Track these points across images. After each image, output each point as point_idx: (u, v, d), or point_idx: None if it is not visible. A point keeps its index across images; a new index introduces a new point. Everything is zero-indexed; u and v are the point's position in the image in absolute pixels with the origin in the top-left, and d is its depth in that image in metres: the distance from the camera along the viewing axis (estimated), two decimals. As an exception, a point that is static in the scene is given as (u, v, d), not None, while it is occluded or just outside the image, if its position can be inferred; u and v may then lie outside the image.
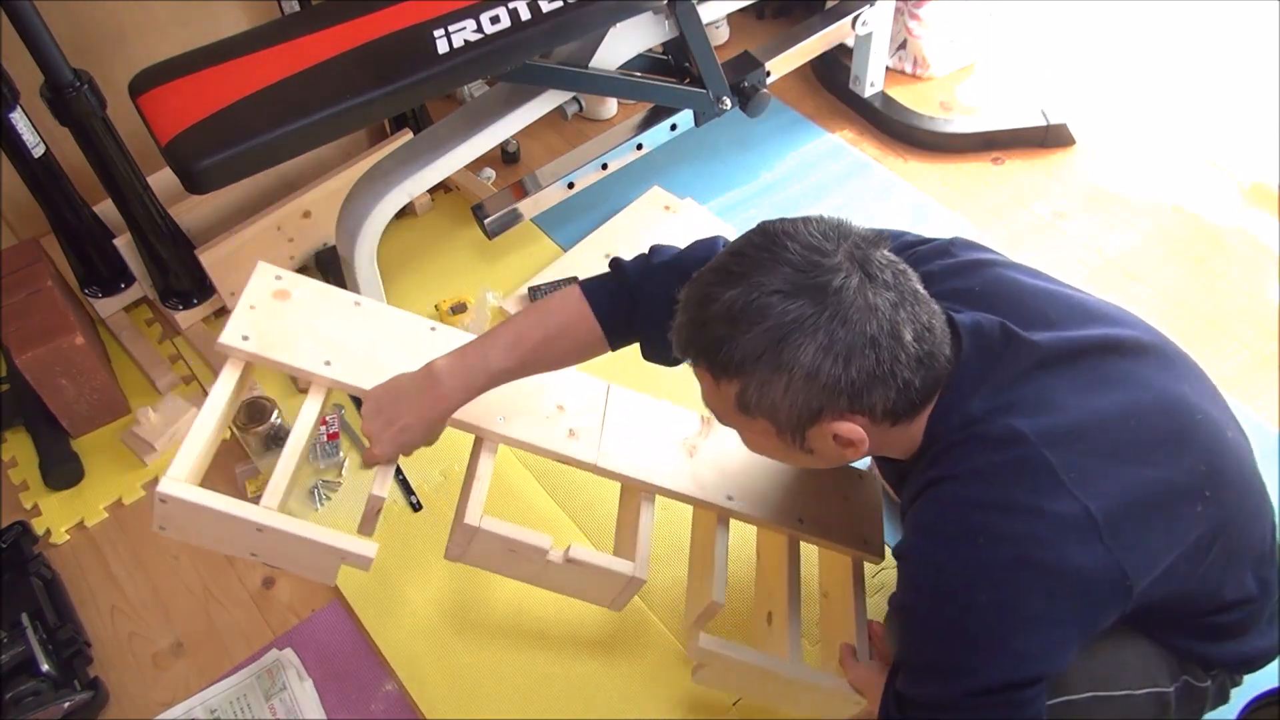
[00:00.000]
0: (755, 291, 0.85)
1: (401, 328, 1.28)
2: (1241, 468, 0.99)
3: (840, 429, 0.89)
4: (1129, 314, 1.04)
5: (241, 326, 1.19)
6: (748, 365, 0.86)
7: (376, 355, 1.23)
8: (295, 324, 1.22)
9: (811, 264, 0.85)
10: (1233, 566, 0.98)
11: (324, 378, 1.20)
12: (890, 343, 0.85)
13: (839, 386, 0.86)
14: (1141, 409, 0.92)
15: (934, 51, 2.24)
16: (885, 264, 0.88)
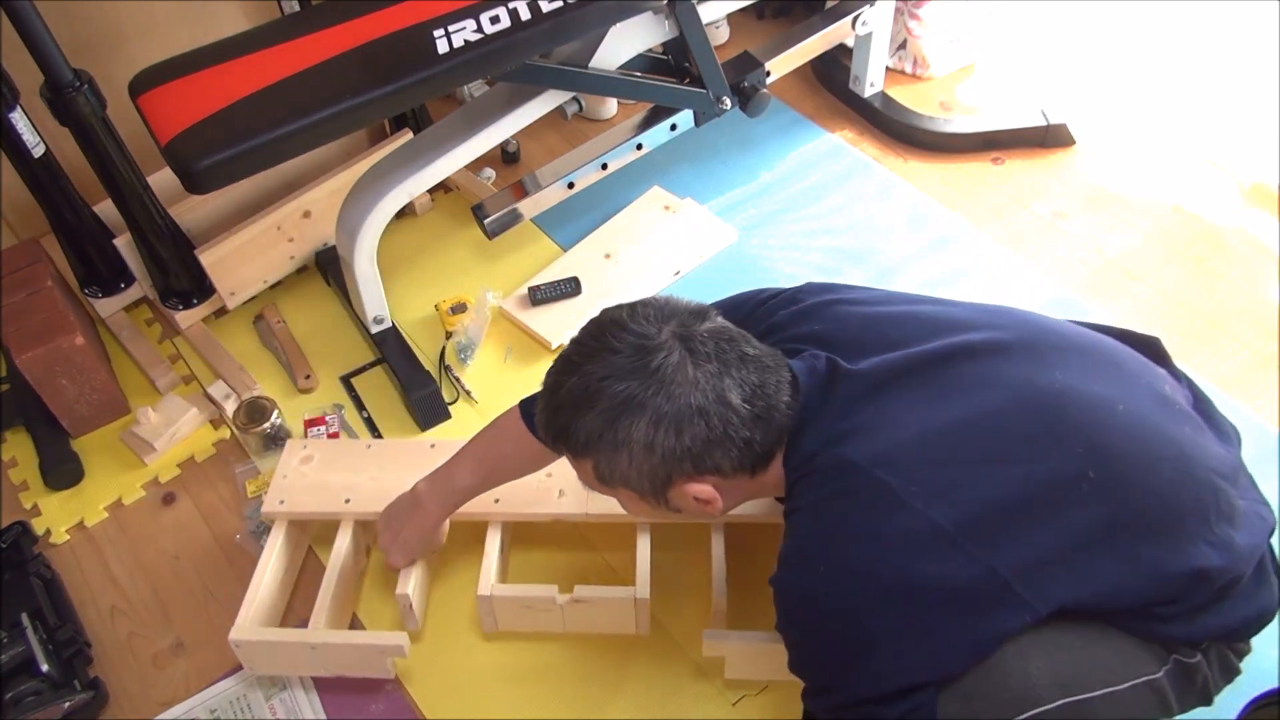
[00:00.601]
0: (588, 379, 0.94)
1: (404, 455, 1.51)
2: (1136, 436, 0.95)
3: (692, 490, 0.97)
4: (1000, 314, 1.04)
5: (278, 494, 1.47)
6: (591, 445, 0.96)
7: (385, 483, 1.45)
8: (318, 478, 1.49)
9: (637, 348, 0.94)
10: (1165, 538, 0.94)
11: (348, 513, 1.45)
12: (719, 408, 0.93)
13: (676, 455, 0.94)
14: (994, 409, 0.93)
15: (934, 51, 2.24)
16: (708, 337, 0.95)
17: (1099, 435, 0.94)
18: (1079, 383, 0.96)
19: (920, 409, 0.94)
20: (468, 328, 1.83)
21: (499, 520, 1.44)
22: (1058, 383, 0.96)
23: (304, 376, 1.81)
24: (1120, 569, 0.94)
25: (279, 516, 1.44)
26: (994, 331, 1.00)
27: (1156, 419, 0.98)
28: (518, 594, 1.37)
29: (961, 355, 0.98)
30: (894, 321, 1.04)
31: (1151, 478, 0.95)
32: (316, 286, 1.99)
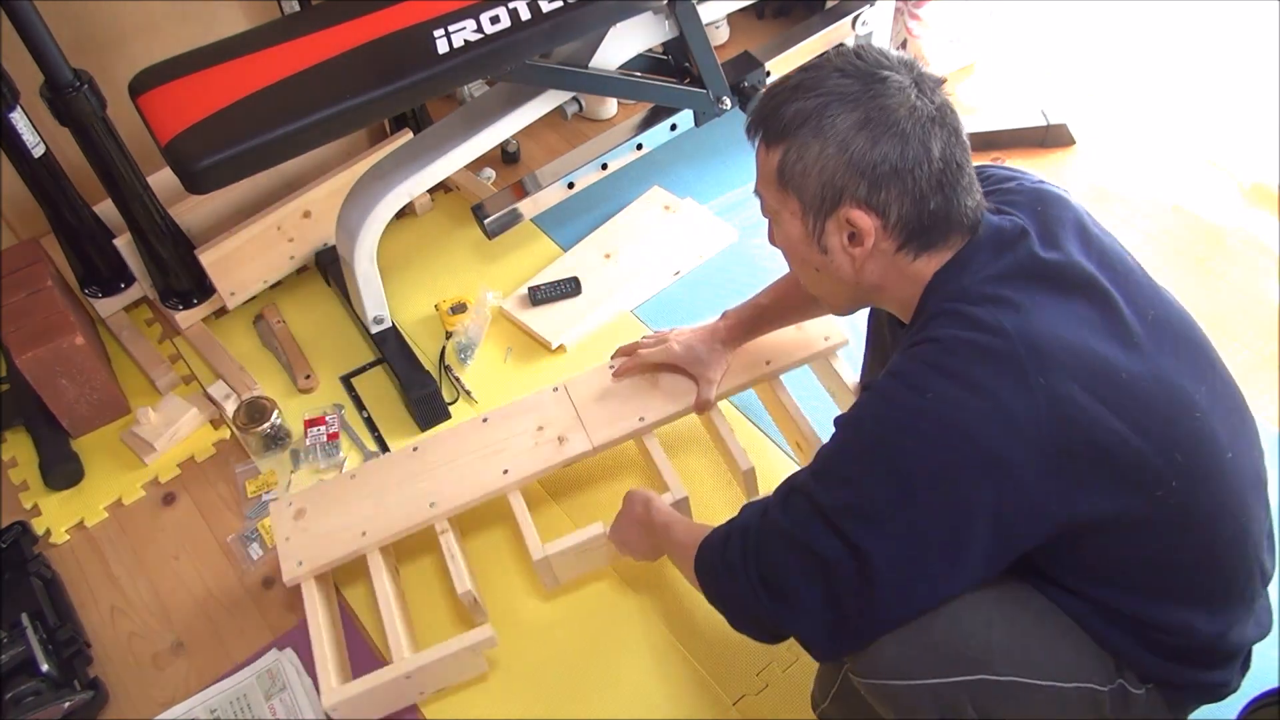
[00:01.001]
0: (816, 72, 0.96)
1: (389, 468, 1.51)
2: (1226, 485, 0.96)
3: (855, 217, 0.95)
4: (1176, 308, 1.03)
5: (292, 557, 1.42)
6: (792, 128, 0.95)
7: (387, 501, 1.46)
8: (322, 527, 1.45)
9: (873, 60, 0.95)
10: (1179, 583, 0.96)
11: (372, 544, 1.43)
12: (917, 146, 0.92)
13: (862, 165, 0.93)
14: (1140, 373, 0.93)
15: (934, 51, 2.24)
16: (939, 93, 0.95)
17: (1201, 463, 0.94)
18: (1212, 410, 0.97)
19: (1084, 329, 0.93)
20: (468, 328, 1.83)
21: (515, 489, 1.47)
22: (1198, 397, 0.95)
23: (304, 376, 1.81)
24: (1133, 573, 0.96)
25: (304, 577, 1.41)
26: (1169, 315, 1.01)
27: (1247, 486, 0.99)
28: (570, 543, 1.39)
29: (1138, 310, 0.97)
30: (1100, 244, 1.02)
31: (1215, 527, 0.96)
32: (317, 286, 1.99)
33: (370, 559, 1.42)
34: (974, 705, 0.94)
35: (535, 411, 1.54)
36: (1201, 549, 0.95)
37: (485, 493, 1.46)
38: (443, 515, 1.45)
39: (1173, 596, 0.97)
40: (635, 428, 1.49)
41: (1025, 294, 0.93)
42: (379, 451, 1.70)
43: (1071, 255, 0.97)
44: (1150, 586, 0.96)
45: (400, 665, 1.31)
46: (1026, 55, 2.32)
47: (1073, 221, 1.01)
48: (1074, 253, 0.97)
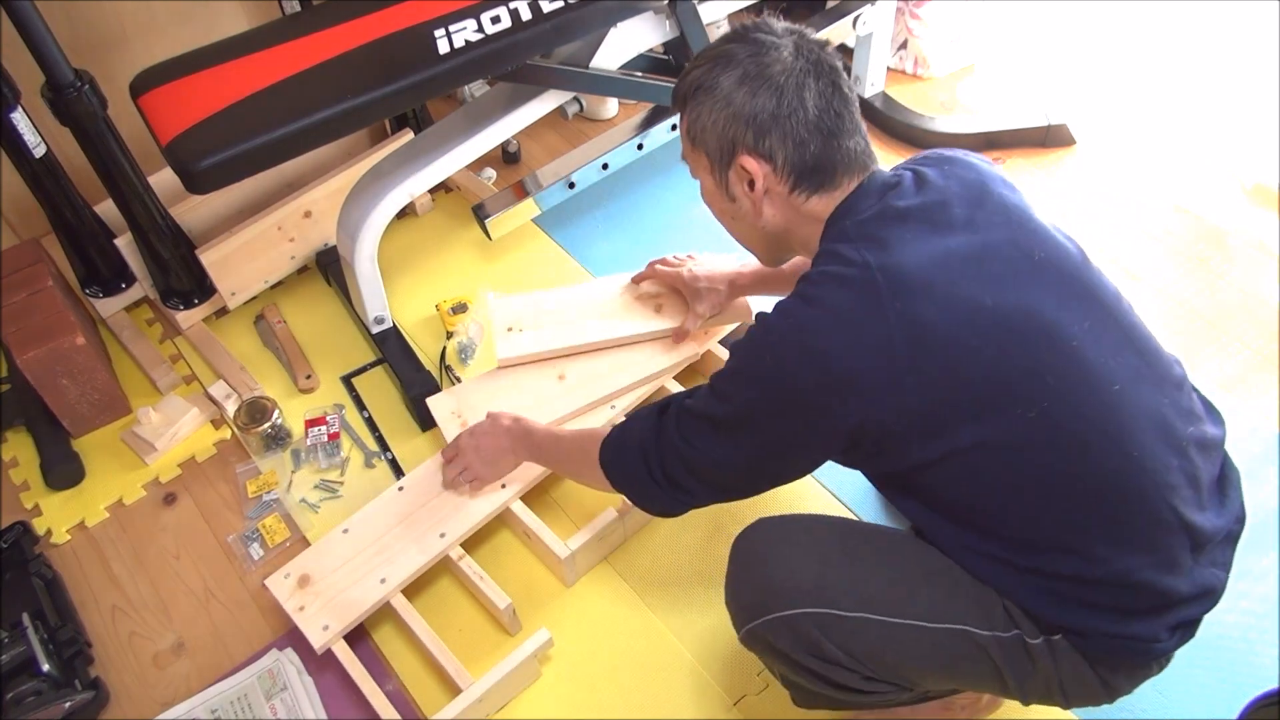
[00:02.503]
0: (714, 45, 1.09)
1: (383, 513, 1.51)
2: (1115, 427, 0.98)
3: (746, 163, 1.06)
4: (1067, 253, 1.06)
5: (315, 623, 1.40)
6: (692, 93, 1.08)
7: (391, 540, 1.47)
8: (335, 589, 1.43)
9: (759, 28, 1.08)
10: (1060, 513, 0.99)
11: (392, 593, 1.43)
12: (792, 96, 1.03)
13: (745, 115, 1.04)
14: (1006, 304, 0.98)
15: (935, 51, 2.24)
16: (816, 52, 1.06)
17: (1075, 388, 0.98)
18: (1095, 343, 1.00)
19: (952, 261, 0.99)
20: (468, 328, 1.83)
21: (516, 499, 1.51)
22: (1076, 329, 0.99)
23: (305, 376, 1.81)
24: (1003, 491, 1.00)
25: (334, 640, 1.39)
26: (1058, 258, 1.04)
27: (1141, 424, 1.00)
28: (591, 534, 1.46)
29: (1021, 251, 1.02)
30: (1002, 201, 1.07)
31: (1097, 455, 0.98)
32: (317, 286, 1.99)
33: (396, 603, 1.42)
34: (830, 640, 1.04)
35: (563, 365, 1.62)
36: (1084, 477, 0.98)
37: (491, 510, 1.49)
38: (456, 543, 1.47)
39: (1055, 526, 1.00)
40: (610, 415, 1.58)
41: (896, 232, 1.01)
42: (380, 452, 1.70)
43: (953, 202, 1.04)
44: (1030, 516, 1.00)
45: (473, 691, 1.32)
46: (1027, 55, 2.32)
47: (973, 179, 1.08)
48: (956, 201, 1.04)
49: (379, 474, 1.68)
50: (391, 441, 1.72)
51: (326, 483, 1.66)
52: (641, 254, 1.96)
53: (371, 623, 1.47)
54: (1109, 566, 0.98)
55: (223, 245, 1.82)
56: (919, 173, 1.08)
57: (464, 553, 1.47)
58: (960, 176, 1.08)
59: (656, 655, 1.42)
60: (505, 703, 1.39)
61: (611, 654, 1.43)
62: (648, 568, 1.51)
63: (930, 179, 1.07)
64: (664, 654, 1.42)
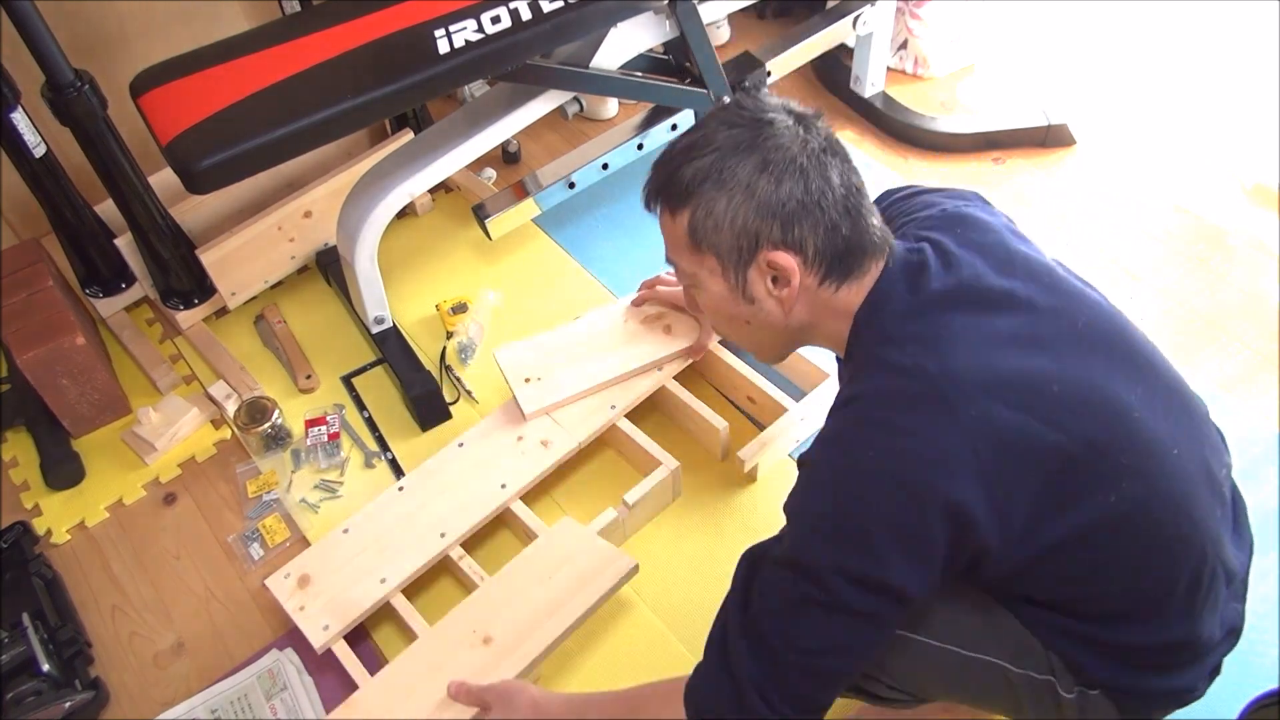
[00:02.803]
0: (702, 131, 0.98)
1: (385, 512, 1.50)
2: (1174, 482, 0.95)
3: (775, 259, 0.96)
4: (1109, 314, 1.02)
5: (315, 623, 1.39)
6: (694, 187, 0.97)
7: (394, 545, 1.46)
8: (336, 587, 1.43)
9: (755, 108, 0.98)
10: (1137, 591, 0.96)
11: (392, 593, 1.43)
12: (817, 178, 0.95)
13: (772, 206, 0.94)
14: (1069, 381, 0.93)
15: (935, 51, 2.24)
16: (821, 126, 0.98)
17: (1147, 463, 0.94)
18: (1150, 408, 0.96)
19: (1005, 346, 0.93)
20: (469, 328, 1.83)
21: (516, 499, 1.52)
22: (1134, 398, 0.95)
23: (305, 376, 1.81)
24: (1100, 575, 0.95)
25: (334, 640, 1.39)
26: (1099, 320, 1.00)
27: (1197, 481, 0.98)
28: (594, 530, 1.46)
29: (1065, 320, 0.97)
30: (1025, 259, 1.02)
31: (1171, 525, 0.95)
32: (317, 286, 1.99)
33: (396, 603, 1.43)
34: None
35: (508, 425, 1.59)
36: (1158, 551, 0.95)
37: (491, 510, 1.49)
38: (456, 542, 1.47)
39: (1128, 600, 0.96)
40: (609, 416, 1.57)
41: (941, 324, 0.94)
42: (380, 452, 1.70)
43: (986, 275, 0.97)
44: (1109, 598, 0.96)
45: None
46: (1027, 55, 2.32)
47: (994, 242, 1.02)
48: (989, 273, 0.98)
49: (379, 474, 1.68)
50: (391, 441, 1.72)
51: (326, 483, 1.66)
52: (641, 253, 1.97)
53: (371, 623, 1.47)
54: (1176, 631, 0.97)
55: (223, 245, 1.82)
56: (938, 245, 1.00)
57: (464, 553, 1.47)
58: (978, 242, 1.01)
59: (657, 655, 1.42)
60: None
61: (611, 654, 1.43)
62: (648, 568, 1.51)
63: (953, 252, 0.99)
64: (665, 654, 1.42)
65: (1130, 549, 0.93)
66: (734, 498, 1.58)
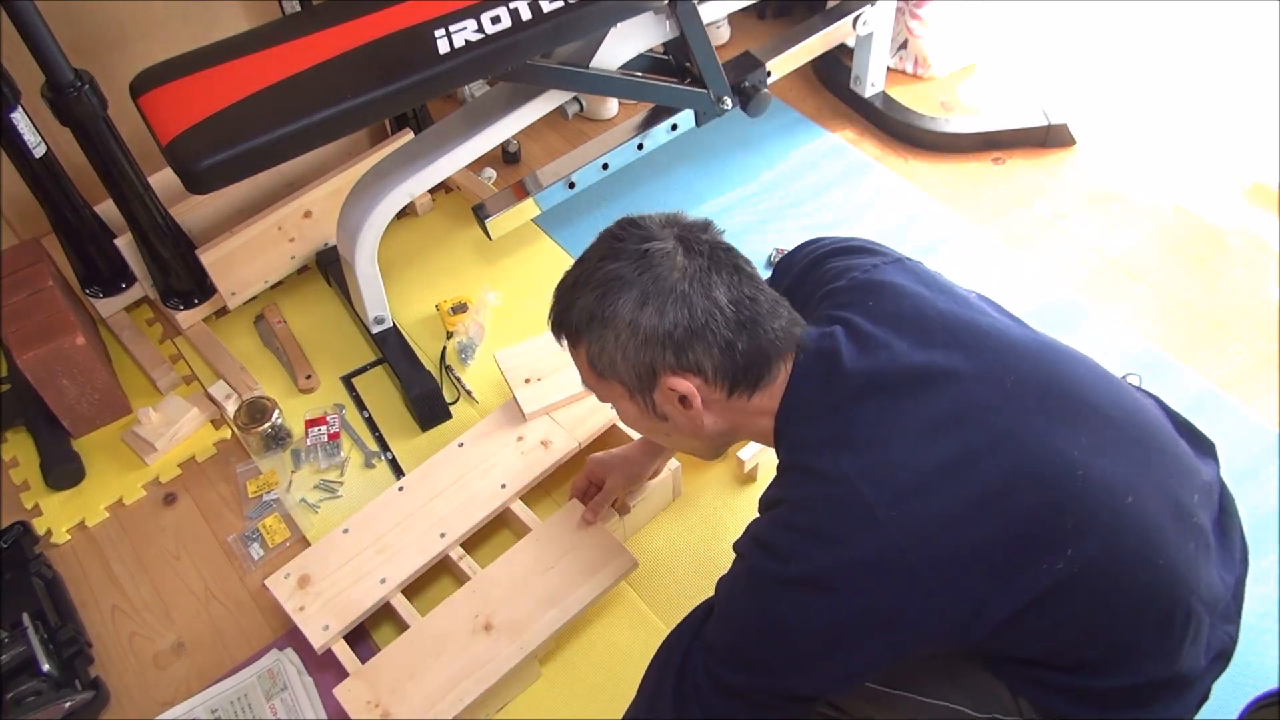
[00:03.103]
0: (588, 265, 1.00)
1: (383, 512, 1.50)
2: (1131, 534, 0.92)
3: (675, 384, 0.97)
4: (1054, 352, 1.00)
5: (315, 624, 1.40)
6: (583, 325, 0.99)
7: (394, 545, 1.46)
8: (336, 587, 1.43)
9: (633, 236, 0.98)
10: (1104, 645, 0.94)
11: (392, 593, 1.43)
12: (703, 300, 0.95)
13: (658, 337, 0.95)
14: (1005, 462, 0.90)
15: (935, 51, 2.24)
16: (705, 240, 0.98)
17: (1095, 520, 0.91)
18: (1098, 456, 0.92)
19: (926, 429, 0.92)
20: (469, 328, 1.83)
21: (516, 499, 1.52)
22: (1077, 452, 0.92)
23: (305, 376, 1.81)
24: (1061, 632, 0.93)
25: (334, 640, 1.39)
26: (1030, 372, 0.97)
27: (1160, 522, 0.94)
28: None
29: (992, 383, 0.94)
30: (945, 321, 1.00)
31: (1130, 577, 0.92)
32: (317, 286, 1.99)
33: (396, 603, 1.43)
34: (830, 697, 1.01)
35: (508, 425, 1.60)
36: (1118, 603, 0.92)
37: (491, 510, 1.50)
38: (456, 542, 1.47)
39: (1099, 656, 0.94)
40: (610, 416, 1.58)
41: (857, 420, 0.93)
42: (380, 452, 1.70)
43: (903, 354, 0.95)
44: (1075, 650, 0.94)
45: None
46: (1027, 55, 2.32)
47: (909, 310, 1.00)
48: (905, 350, 0.96)
49: (379, 474, 1.68)
50: (391, 441, 1.72)
51: (326, 483, 1.66)
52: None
53: (371, 623, 1.47)
54: (1151, 672, 0.95)
55: (223, 245, 1.82)
56: (849, 324, 0.99)
57: (464, 553, 1.47)
58: (892, 314, 1.00)
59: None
60: (505, 703, 1.39)
61: (611, 654, 1.43)
62: (648, 568, 1.51)
63: (867, 332, 0.98)
64: (664, 654, 1.42)
65: (1088, 605, 0.91)
66: (734, 498, 1.58)
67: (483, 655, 1.33)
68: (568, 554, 1.42)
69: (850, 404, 0.95)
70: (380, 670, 1.34)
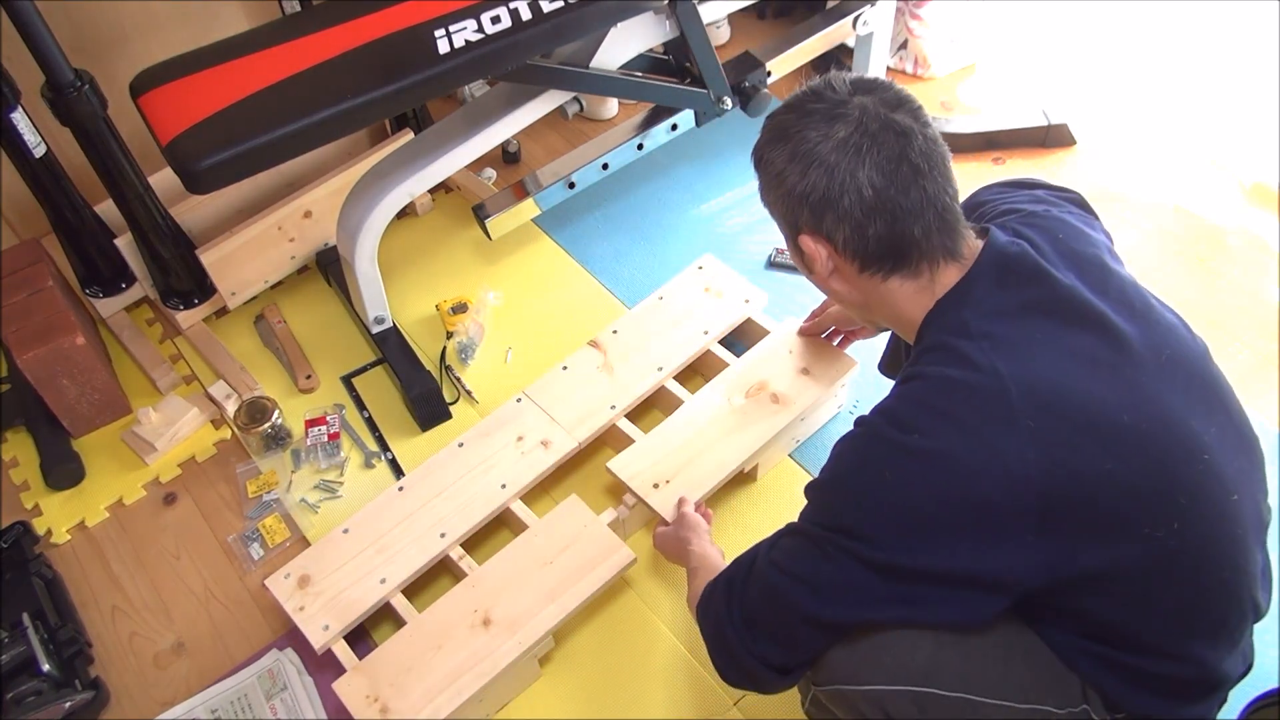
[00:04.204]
0: (783, 113, 1.01)
1: (384, 513, 1.50)
2: (1230, 526, 0.95)
3: (804, 243, 1.01)
4: (1195, 347, 1.01)
5: (316, 623, 1.39)
6: (757, 163, 1.04)
7: (394, 545, 1.46)
8: (336, 587, 1.43)
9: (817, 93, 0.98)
10: (1166, 629, 0.95)
11: (392, 594, 1.43)
12: (846, 175, 0.94)
13: (797, 195, 0.98)
14: (1141, 414, 0.92)
15: (935, 51, 2.24)
16: (885, 117, 0.95)
17: (1204, 507, 0.93)
18: (1221, 449, 0.95)
19: (1084, 367, 0.92)
20: (469, 328, 1.83)
21: (516, 499, 1.52)
22: (1206, 438, 0.94)
23: (305, 376, 1.81)
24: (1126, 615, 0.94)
25: (333, 641, 1.39)
26: (1183, 354, 0.99)
27: (1248, 528, 0.97)
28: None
29: (1150, 350, 0.96)
30: (1120, 281, 1.01)
31: (1211, 570, 0.94)
32: (317, 286, 1.99)
33: (396, 603, 1.43)
34: (922, 714, 0.96)
35: (508, 425, 1.60)
36: (1194, 593, 0.94)
37: (491, 510, 1.50)
38: (456, 543, 1.48)
39: (1161, 636, 0.96)
40: (610, 417, 1.59)
41: (1024, 330, 0.93)
42: (380, 452, 1.70)
43: (1081, 290, 0.96)
44: (1138, 628, 0.95)
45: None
46: (1027, 55, 2.32)
47: (1092, 256, 1.01)
48: (1084, 288, 0.97)
49: (379, 474, 1.68)
50: (391, 441, 1.72)
51: (326, 483, 1.66)
52: (641, 254, 1.97)
53: (371, 623, 1.47)
54: (1198, 668, 0.96)
55: (223, 245, 1.82)
56: (1037, 248, 0.99)
57: (464, 553, 1.47)
58: (1078, 254, 1.00)
59: (656, 655, 1.42)
60: (505, 703, 1.39)
61: (611, 654, 1.43)
62: (648, 567, 1.51)
63: (1051, 258, 0.98)
64: (664, 654, 1.42)
65: (1165, 584, 0.93)
66: (734, 498, 1.58)
67: (482, 650, 1.33)
68: (566, 549, 1.42)
69: (1022, 314, 0.95)
70: (379, 665, 1.34)
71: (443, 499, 1.51)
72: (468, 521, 1.48)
